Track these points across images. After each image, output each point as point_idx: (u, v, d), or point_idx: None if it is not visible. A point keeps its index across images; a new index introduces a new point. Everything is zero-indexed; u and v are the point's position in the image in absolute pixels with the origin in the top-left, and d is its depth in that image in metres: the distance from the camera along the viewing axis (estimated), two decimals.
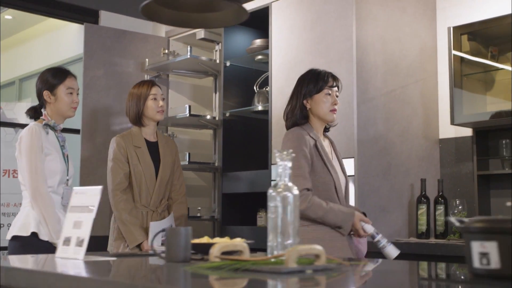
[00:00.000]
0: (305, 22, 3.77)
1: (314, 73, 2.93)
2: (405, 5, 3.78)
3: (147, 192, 3.42)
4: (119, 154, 3.40)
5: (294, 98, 2.92)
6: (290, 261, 1.47)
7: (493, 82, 3.69)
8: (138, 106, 3.47)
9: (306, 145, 2.78)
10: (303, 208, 2.67)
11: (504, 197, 3.57)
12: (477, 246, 1.30)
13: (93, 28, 4.46)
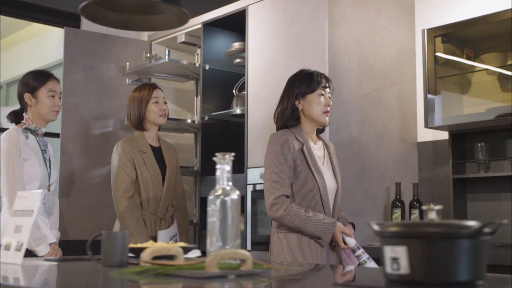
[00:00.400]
0: (279, 25, 3.75)
1: (306, 73, 2.84)
2: (381, 8, 3.75)
3: (155, 199, 3.31)
4: (125, 159, 3.27)
5: (285, 99, 2.82)
6: (211, 266, 1.45)
7: (469, 84, 3.65)
8: (139, 110, 3.36)
9: (289, 149, 2.67)
10: (279, 216, 2.59)
11: (481, 201, 3.53)
12: (389, 251, 1.27)
13: (73, 32, 4.46)
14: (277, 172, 2.63)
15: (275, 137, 2.73)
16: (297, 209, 2.61)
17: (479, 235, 1.23)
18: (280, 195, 2.61)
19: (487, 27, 3.39)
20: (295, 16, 3.65)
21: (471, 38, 3.57)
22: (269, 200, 2.62)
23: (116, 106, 4.59)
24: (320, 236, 2.63)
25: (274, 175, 2.62)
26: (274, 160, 2.66)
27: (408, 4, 3.93)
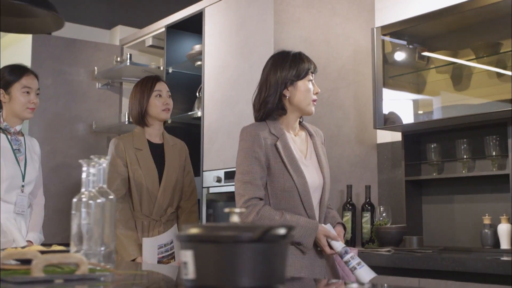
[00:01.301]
0: (231, 27, 3.71)
1: (294, 54, 2.48)
2: (336, 7, 3.68)
3: (149, 199, 3.04)
4: (117, 157, 3.03)
5: (268, 85, 2.42)
6: (35, 270, 1.42)
7: (424, 83, 3.55)
8: (141, 104, 3.10)
9: (260, 145, 2.35)
10: (250, 221, 2.28)
11: (436, 203, 3.43)
12: (182, 255, 1.23)
13: (41, 37, 4.50)
14: (247, 172, 2.33)
15: (245, 132, 2.41)
16: (270, 212, 2.30)
17: (268, 239, 1.18)
18: (251, 198, 2.30)
19: (436, 24, 3.29)
20: (245, 17, 3.61)
21: (423, 36, 3.48)
22: (239, 203, 2.33)
23: (85, 110, 4.61)
24: (300, 242, 2.31)
25: (244, 176, 2.33)
26: (244, 159, 2.36)
27: (367, 3, 3.85)
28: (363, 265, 2.28)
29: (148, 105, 3.10)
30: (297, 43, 3.47)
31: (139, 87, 3.15)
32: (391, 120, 3.37)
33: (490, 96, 3.17)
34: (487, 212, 3.13)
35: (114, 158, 3.03)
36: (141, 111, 3.10)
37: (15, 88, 3.02)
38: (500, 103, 2.96)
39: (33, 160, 3.11)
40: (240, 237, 1.16)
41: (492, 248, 3.03)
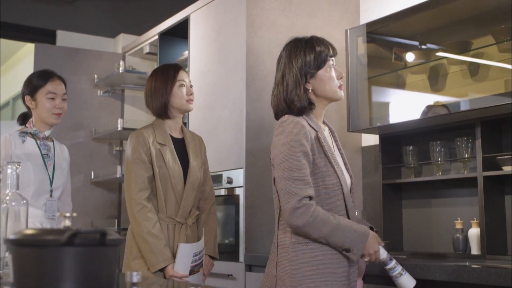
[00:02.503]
0: (211, 32, 3.74)
1: (305, 43, 2.25)
2: (315, 9, 3.65)
3: (174, 200, 2.73)
4: (141, 152, 2.70)
5: (286, 83, 2.21)
6: None
7: (403, 85, 3.47)
8: (163, 95, 2.77)
9: (307, 138, 2.11)
10: (302, 223, 2.02)
11: (415, 207, 3.34)
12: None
13: (44, 47, 4.64)
14: (296, 168, 2.06)
15: (287, 124, 2.14)
16: (324, 214, 2.05)
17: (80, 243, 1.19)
18: (304, 197, 2.04)
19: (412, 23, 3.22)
20: (222, 23, 3.63)
21: (400, 36, 3.40)
22: (290, 203, 2.04)
23: (87, 117, 4.73)
24: (350, 248, 2.06)
25: (293, 172, 2.06)
26: (291, 153, 2.09)
27: (351, 4, 3.80)
28: (406, 272, 2.17)
29: (172, 96, 2.79)
30: (272, 47, 3.46)
31: (159, 76, 2.82)
32: (367, 122, 3.31)
33: (462, 97, 3.07)
34: (459, 216, 3.04)
35: (138, 153, 2.70)
36: (164, 102, 2.78)
37: (40, 94, 3.00)
38: (469, 103, 2.86)
39: (62, 166, 3.10)
40: (47, 241, 1.18)
41: (463, 254, 2.93)
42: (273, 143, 2.20)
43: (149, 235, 2.61)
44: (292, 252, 2.11)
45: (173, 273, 2.61)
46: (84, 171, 4.65)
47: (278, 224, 2.23)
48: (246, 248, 3.27)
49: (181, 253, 2.63)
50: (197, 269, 2.71)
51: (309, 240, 2.08)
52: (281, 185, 2.10)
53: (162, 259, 2.60)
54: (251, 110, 3.36)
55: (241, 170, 3.32)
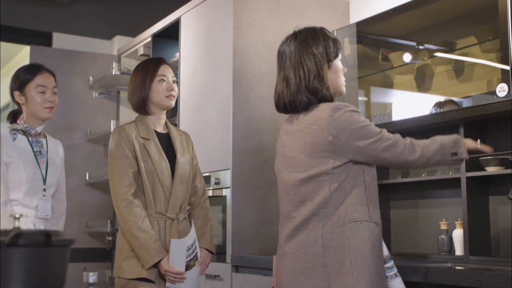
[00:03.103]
0: (200, 34, 3.75)
1: (320, 30, 2.22)
2: (304, 11, 3.65)
3: (163, 195, 2.64)
4: (124, 147, 2.60)
5: (306, 67, 2.13)
6: None
7: (391, 85, 3.47)
8: (142, 90, 2.67)
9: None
10: (419, 153, 2.09)
11: (403, 208, 3.34)
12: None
13: (39, 49, 4.68)
14: (378, 130, 2.12)
15: (341, 104, 2.13)
16: (409, 139, 2.14)
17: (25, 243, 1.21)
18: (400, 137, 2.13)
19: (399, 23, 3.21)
20: (210, 24, 3.64)
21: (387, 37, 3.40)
22: (399, 147, 2.08)
23: (82, 119, 4.76)
24: (456, 151, 2.15)
25: (379, 134, 2.09)
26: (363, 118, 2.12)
27: (341, 5, 3.80)
28: (399, 276, 2.18)
29: (151, 91, 2.67)
30: (259, 48, 3.47)
31: (140, 70, 2.73)
32: None
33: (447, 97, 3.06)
34: (444, 217, 3.03)
35: (122, 149, 2.60)
36: (142, 98, 2.68)
37: (30, 87, 2.85)
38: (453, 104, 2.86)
39: (55, 162, 2.98)
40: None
41: (447, 255, 2.93)
42: (338, 125, 2.06)
43: (138, 230, 2.52)
44: (348, 231, 2.04)
45: (167, 268, 2.53)
46: (79, 172, 4.68)
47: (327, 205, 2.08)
48: (233, 249, 3.28)
49: (174, 249, 2.55)
50: (192, 263, 2.64)
51: (362, 217, 2.05)
52: (376, 146, 2.06)
53: (155, 253, 2.52)
54: (238, 111, 3.37)
55: (228, 171, 3.33)
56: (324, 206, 2.06)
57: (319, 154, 2.07)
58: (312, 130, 2.09)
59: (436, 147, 2.12)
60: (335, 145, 2.05)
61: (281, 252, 2.15)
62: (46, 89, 2.87)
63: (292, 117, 2.20)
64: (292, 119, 2.20)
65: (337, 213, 2.05)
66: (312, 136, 2.08)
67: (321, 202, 2.06)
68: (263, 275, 3.04)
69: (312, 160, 2.08)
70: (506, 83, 2.50)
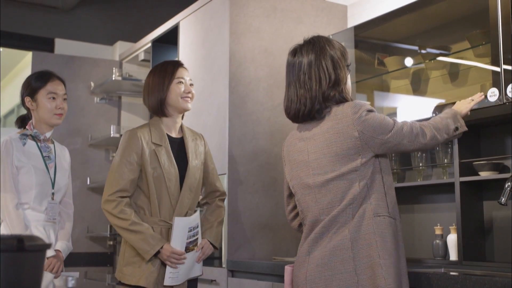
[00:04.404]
0: (198, 39, 3.77)
1: (332, 41, 2.30)
2: (301, 16, 3.66)
3: (168, 203, 2.62)
4: (132, 153, 2.60)
5: (331, 61, 2.21)
6: None
7: (388, 89, 3.47)
8: (160, 92, 2.67)
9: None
10: (429, 136, 2.22)
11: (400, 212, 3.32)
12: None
13: (41, 55, 4.72)
14: (393, 123, 2.20)
15: (361, 102, 2.21)
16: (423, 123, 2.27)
17: None
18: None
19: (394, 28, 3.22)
20: (208, 30, 3.66)
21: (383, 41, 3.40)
22: (415, 128, 2.20)
23: (83, 124, 4.79)
24: (457, 126, 2.32)
25: (395, 127, 2.18)
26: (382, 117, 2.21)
27: (339, 10, 3.80)
28: None
29: (168, 93, 2.68)
30: (255, 53, 3.48)
31: (157, 72, 2.73)
32: None
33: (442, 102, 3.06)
34: (439, 222, 3.02)
35: (128, 153, 2.60)
36: (160, 99, 2.67)
37: (41, 94, 2.94)
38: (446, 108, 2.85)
39: (63, 167, 3.06)
40: None
41: (442, 260, 2.92)
42: (362, 121, 2.13)
43: (132, 225, 2.53)
44: (373, 225, 2.09)
45: (172, 250, 2.54)
46: (80, 177, 4.71)
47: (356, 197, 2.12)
48: (228, 254, 3.28)
49: (177, 227, 2.56)
50: (192, 246, 2.65)
51: (386, 213, 2.12)
52: (398, 134, 2.16)
53: (155, 242, 2.52)
54: (234, 117, 3.38)
55: (225, 176, 3.34)
56: (352, 202, 2.12)
57: (346, 152, 2.13)
58: (338, 129, 2.15)
59: (442, 127, 2.26)
60: (362, 140, 2.12)
61: (303, 260, 2.18)
62: (57, 96, 2.96)
63: (306, 124, 2.25)
64: (305, 125, 2.25)
65: (362, 208, 2.11)
66: (338, 135, 2.14)
67: (351, 199, 2.11)
68: (258, 279, 3.05)
69: (340, 159, 2.14)
70: (497, 88, 2.49)
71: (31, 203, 2.89)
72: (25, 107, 3.01)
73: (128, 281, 2.59)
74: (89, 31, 5.11)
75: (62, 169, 3.02)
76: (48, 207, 2.92)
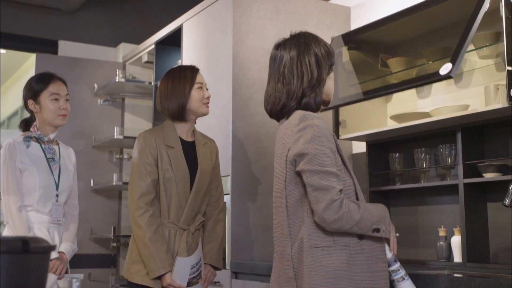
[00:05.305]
0: (201, 41, 3.77)
1: (318, 38, 2.18)
2: (304, 17, 3.66)
3: (178, 205, 2.65)
4: (148, 154, 2.64)
5: (315, 68, 2.09)
6: None
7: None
8: (182, 97, 2.68)
9: (331, 138, 2.02)
10: (339, 216, 1.90)
11: (403, 214, 3.32)
12: None
13: (45, 57, 4.73)
14: (328, 164, 1.95)
15: (319, 120, 2.02)
16: (351, 203, 1.95)
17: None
18: (341, 189, 1.95)
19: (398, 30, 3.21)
20: (211, 31, 3.66)
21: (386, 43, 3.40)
22: (328, 195, 1.92)
23: (87, 126, 4.80)
24: (379, 227, 1.97)
25: (325, 167, 1.95)
26: (321, 148, 1.98)
27: (342, 11, 3.80)
28: (409, 278, 2.06)
29: (190, 98, 2.70)
30: (259, 55, 3.48)
31: (176, 77, 2.73)
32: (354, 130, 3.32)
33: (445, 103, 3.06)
34: (443, 224, 3.02)
35: (144, 155, 2.64)
36: (181, 105, 2.69)
37: (44, 96, 2.93)
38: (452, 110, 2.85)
39: (68, 169, 3.04)
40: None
41: (446, 261, 2.91)
42: (295, 139, 2.02)
43: (150, 240, 2.55)
44: (309, 257, 1.97)
45: (170, 282, 2.57)
46: (84, 179, 4.71)
47: (298, 226, 2.04)
48: (232, 256, 3.28)
49: (178, 266, 2.59)
50: (195, 280, 2.68)
51: (324, 243, 1.97)
52: (312, 179, 1.95)
53: (162, 266, 2.55)
54: (237, 118, 3.38)
55: (228, 178, 3.34)
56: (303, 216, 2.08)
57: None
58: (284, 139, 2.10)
59: (365, 213, 1.97)
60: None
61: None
62: (60, 97, 2.95)
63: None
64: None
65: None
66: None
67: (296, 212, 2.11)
68: (262, 281, 3.04)
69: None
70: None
71: (35, 205, 2.88)
72: (28, 110, 3.01)
73: (134, 280, 2.62)
74: (93, 33, 5.13)
75: (66, 170, 3.02)
76: (52, 209, 2.91)
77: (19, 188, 2.86)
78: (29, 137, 2.93)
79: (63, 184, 2.97)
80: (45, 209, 2.89)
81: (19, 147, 2.90)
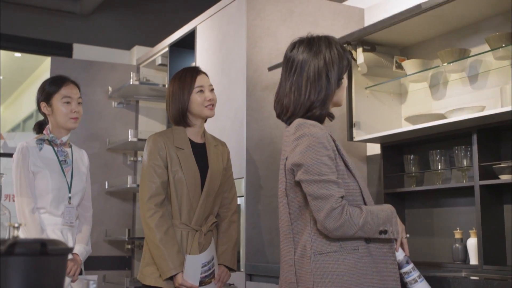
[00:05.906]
0: (215, 43, 3.78)
1: (333, 43, 2.11)
2: (318, 19, 3.66)
3: (190, 206, 2.66)
4: (157, 156, 2.65)
5: (322, 78, 2.04)
6: None
7: (406, 93, 3.45)
8: (181, 102, 2.70)
9: (329, 144, 1.99)
10: (340, 223, 1.89)
11: (418, 216, 3.31)
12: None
13: (60, 60, 4.76)
14: (326, 173, 1.94)
15: (315, 128, 2.00)
16: (354, 208, 1.94)
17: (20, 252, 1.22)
18: (341, 196, 1.93)
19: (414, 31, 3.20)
20: (225, 34, 3.67)
21: (401, 45, 3.39)
22: (328, 203, 1.91)
23: (101, 128, 4.83)
24: (386, 229, 1.96)
25: (322, 176, 1.93)
26: (318, 157, 1.95)
27: (356, 13, 3.79)
28: (423, 280, 2.01)
29: (190, 103, 2.71)
30: (272, 57, 3.48)
31: (177, 82, 2.74)
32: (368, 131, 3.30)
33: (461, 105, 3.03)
34: (459, 226, 3.00)
35: (154, 157, 2.66)
36: (181, 110, 2.71)
37: (56, 99, 2.95)
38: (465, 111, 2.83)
39: (80, 171, 3.06)
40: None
41: (462, 264, 2.89)
42: (292, 148, 2.02)
43: (161, 241, 2.57)
44: (312, 264, 1.97)
45: (182, 282, 2.57)
46: (99, 181, 4.73)
47: (301, 231, 2.04)
48: (247, 258, 3.28)
49: (188, 264, 2.59)
50: (208, 280, 2.67)
51: (329, 249, 1.95)
52: (310, 188, 1.94)
53: (173, 266, 2.56)
54: (252, 120, 3.39)
55: (242, 180, 3.34)
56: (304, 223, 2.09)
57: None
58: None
59: (370, 217, 1.95)
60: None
61: None
62: (72, 100, 2.96)
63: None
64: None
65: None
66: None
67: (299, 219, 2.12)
68: (277, 284, 3.04)
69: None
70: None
71: (48, 207, 2.90)
72: (41, 112, 3.03)
73: (147, 282, 2.64)
74: (107, 36, 5.15)
75: (79, 173, 3.04)
76: (65, 211, 2.93)
77: (32, 191, 2.88)
78: (42, 139, 2.95)
79: (76, 187, 2.99)
80: (58, 211, 2.91)
81: (32, 150, 2.92)
